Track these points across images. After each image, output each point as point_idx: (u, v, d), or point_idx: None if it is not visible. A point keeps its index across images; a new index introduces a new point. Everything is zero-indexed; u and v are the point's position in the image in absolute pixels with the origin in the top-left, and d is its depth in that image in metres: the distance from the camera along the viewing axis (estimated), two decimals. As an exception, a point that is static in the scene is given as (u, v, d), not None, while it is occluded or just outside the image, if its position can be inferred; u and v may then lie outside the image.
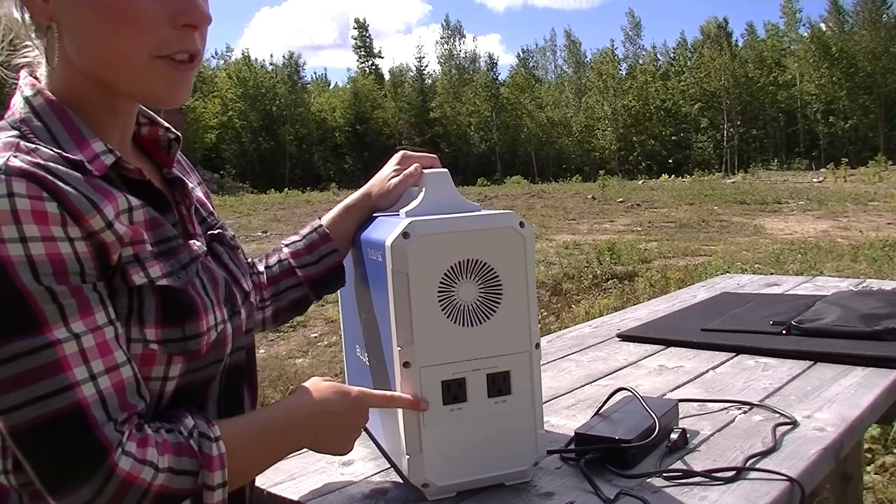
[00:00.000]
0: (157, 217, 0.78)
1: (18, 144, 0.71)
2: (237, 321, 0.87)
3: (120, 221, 0.72)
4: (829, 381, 1.31)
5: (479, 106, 56.16)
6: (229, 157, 49.09)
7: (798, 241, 9.62)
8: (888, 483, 2.59)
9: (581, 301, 6.11)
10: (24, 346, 0.65)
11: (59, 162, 0.71)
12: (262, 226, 13.87)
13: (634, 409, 1.10)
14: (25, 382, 0.65)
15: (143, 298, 0.74)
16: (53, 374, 0.66)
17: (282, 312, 1.08)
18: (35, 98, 0.76)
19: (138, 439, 0.70)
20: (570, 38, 63.24)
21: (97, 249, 0.70)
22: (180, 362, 0.77)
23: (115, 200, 0.72)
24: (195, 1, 0.76)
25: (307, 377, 4.29)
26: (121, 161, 0.76)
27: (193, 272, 0.80)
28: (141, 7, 0.74)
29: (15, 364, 0.65)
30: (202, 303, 0.79)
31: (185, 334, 0.76)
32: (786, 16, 53.83)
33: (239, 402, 0.90)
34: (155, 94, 0.79)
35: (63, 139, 0.74)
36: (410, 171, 1.07)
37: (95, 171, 0.73)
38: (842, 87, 48.40)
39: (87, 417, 0.67)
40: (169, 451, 0.72)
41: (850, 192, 16.80)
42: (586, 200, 17.24)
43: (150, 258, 0.75)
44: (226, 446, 0.76)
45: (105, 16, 0.73)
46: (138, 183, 0.79)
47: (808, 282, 2.29)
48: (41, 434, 0.66)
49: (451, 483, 0.92)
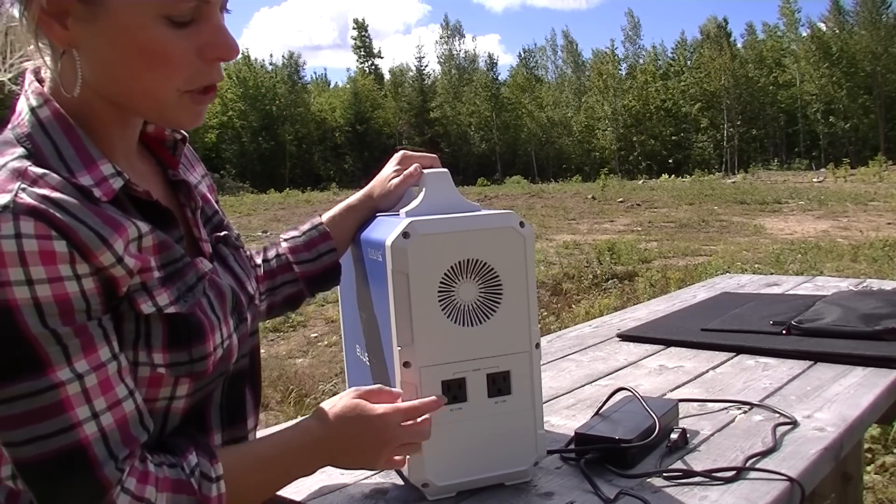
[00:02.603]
0: (166, 240, 0.77)
1: (26, 171, 0.69)
2: (243, 328, 0.87)
3: (129, 253, 0.71)
4: (829, 381, 1.31)
5: (479, 106, 56.15)
6: (229, 156, 49.06)
7: (798, 241, 9.62)
8: (888, 483, 2.59)
9: (581, 301, 6.11)
10: (27, 387, 0.66)
11: (67, 190, 0.69)
12: (262, 226, 13.88)
13: (634, 409, 1.10)
14: (29, 422, 0.66)
15: (150, 325, 0.74)
16: (56, 415, 0.67)
17: (276, 307, 1.08)
18: (41, 109, 0.74)
19: (139, 474, 0.71)
20: (568, 38, 63.40)
21: (104, 284, 0.70)
22: (187, 383, 0.78)
23: (125, 231, 0.71)
24: (225, 34, 0.75)
25: (307, 377, 4.30)
26: (129, 184, 0.76)
27: (200, 292, 0.80)
28: (172, 45, 0.72)
29: (18, 404, 0.66)
30: (209, 323, 0.79)
31: (192, 357, 0.77)
32: (785, 16, 53.82)
33: (241, 403, 0.90)
34: (178, 124, 0.80)
35: (70, 157, 0.72)
36: (411, 171, 1.07)
37: (103, 195, 0.72)
38: (842, 87, 48.37)
39: (89, 456, 0.68)
40: (168, 489, 0.72)
41: (850, 192, 16.80)
42: (586, 200, 17.24)
43: (157, 286, 0.74)
44: (228, 480, 0.76)
45: (136, 53, 0.72)
46: (146, 203, 0.78)
47: (808, 282, 2.29)
48: (43, 470, 0.67)
49: (451, 483, 0.92)
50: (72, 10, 0.71)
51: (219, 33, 0.75)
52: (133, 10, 0.70)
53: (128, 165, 0.80)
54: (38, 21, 0.72)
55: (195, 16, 0.73)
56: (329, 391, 3.98)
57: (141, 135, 0.86)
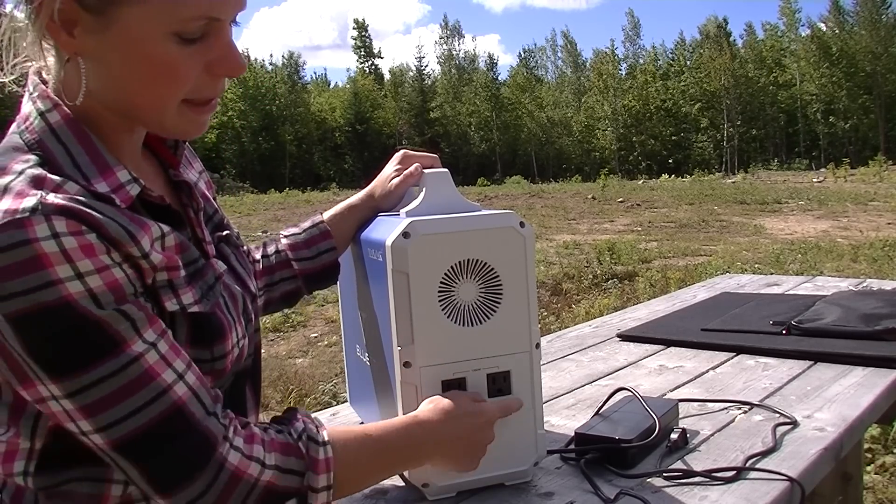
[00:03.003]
0: (185, 240, 0.78)
1: (46, 179, 0.69)
2: (250, 328, 0.88)
3: (155, 250, 0.73)
4: (829, 381, 1.31)
5: (479, 106, 56.15)
6: (229, 156, 49.04)
7: (798, 241, 9.62)
8: (888, 483, 2.59)
9: (581, 301, 6.11)
10: (111, 366, 0.67)
11: (88, 197, 0.70)
12: (262, 226, 13.88)
13: (634, 409, 1.10)
14: (122, 398, 0.67)
15: (175, 322, 0.75)
16: (147, 383, 0.68)
17: (273, 303, 1.09)
18: (51, 114, 0.73)
19: (245, 435, 0.73)
20: (568, 38, 63.39)
21: (136, 270, 0.71)
22: (208, 382, 0.78)
23: (150, 230, 0.73)
24: (234, 51, 0.76)
25: (307, 377, 4.30)
26: (145, 189, 0.76)
27: (218, 292, 0.81)
28: (180, 61, 0.72)
29: (107, 384, 0.67)
30: (227, 323, 0.80)
31: (214, 355, 0.78)
32: (785, 16, 53.83)
33: (242, 402, 0.90)
34: (179, 133, 0.80)
35: (84, 164, 0.72)
36: (411, 170, 1.07)
37: (121, 202, 0.72)
38: (842, 87, 48.38)
39: (187, 413, 0.70)
40: (276, 450, 0.74)
41: (850, 192, 16.80)
42: (586, 200, 17.24)
43: (183, 285, 0.75)
44: (337, 448, 0.77)
45: (144, 67, 0.72)
46: (159, 207, 0.78)
47: (808, 282, 2.29)
48: (147, 441, 0.68)
49: (451, 483, 0.92)
50: (81, 21, 0.70)
51: (227, 51, 0.75)
52: (144, 25, 0.70)
53: (136, 168, 0.80)
54: (46, 27, 0.71)
55: (205, 32, 0.73)
56: (329, 391, 3.97)
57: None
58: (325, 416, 1.33)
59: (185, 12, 0.70)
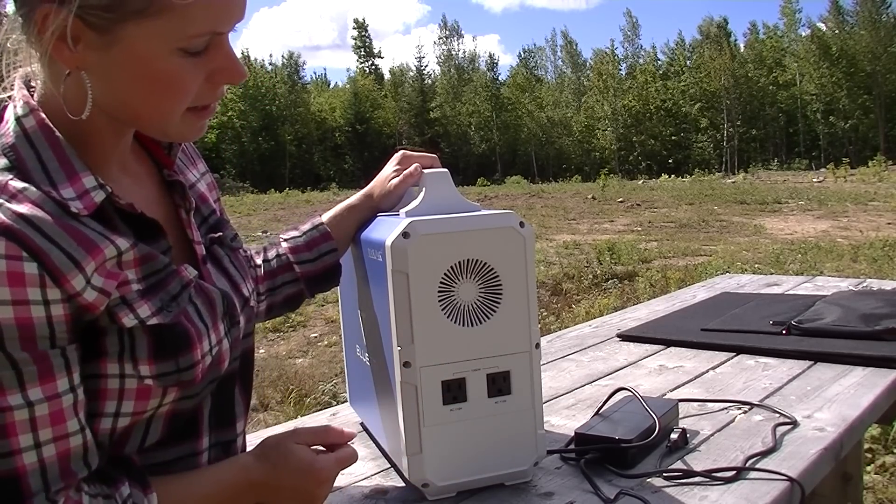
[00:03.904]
0: (149, 252, 0.76)
1: (6, 186, 0.68)
2: (236, 332, 0.86)
3: (101, 273, 0.70)
4: (829, 381, 1.31)
5: (479, 106, 56.16)
6: (229, 156, 49.05)
7: (798, 241, 9.62)
8: (888, 483, 2.59)
9: (581, 301, 6.11)
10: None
11: (47, 206, 0.68)
12: (262, 226, 13.88)
13: (634, 409, 1.10)
14: None
15: (134, 337, 0.73)
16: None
17: (276, 307, 1.08)
18: (27, 119, 0.73)
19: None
20: (568, 38, 63.42)
21: (75, 312, 0.69)
22: (174, 391, 0.78)
23: (101, 253, 0.70)
24: (235, 61, 0.76)
25: (307, 377, 4.31)
26: (112, 196, 0.75)
27: (185, 300, 0.79)
28: (185, 74, 0.73)
29: None
30: (196, 331, 0.78)
31: (179, 366, 0.76)
32: (785, 16, 53.84)
33: (230, 406, 0.89)
34: (180, 138, 0.81)
35: (53, 169, 0.72)
36: (410, 170, 1.07)
37: (84, 208, 0.71)
38: (842, 87, 48.39)
39: (21, 486, 0.66)
40: None
41: (850, 192, 16.80)
42: (586, 200, 17.24)
43: (137, 299, 0.74)
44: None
45: (149, 81, 0.72)
46: (130, 215, 0.77)
47: (808, 282, 2.29)
48: None
49: (451, 483, 0.92)
50: (84, 37, 0.70)
51: (229, 60, 0.76)
52: (151, 42, 0.70)
53: (122, 171, 0.80)
54: (52, 47, 0.70)
55: (208, 44, 0.74)
56: (329, 391, 3.98)
57: (136, 134, 0.86)
58: (325, 416, 1.33)
59: (191, 29, 0.71)
